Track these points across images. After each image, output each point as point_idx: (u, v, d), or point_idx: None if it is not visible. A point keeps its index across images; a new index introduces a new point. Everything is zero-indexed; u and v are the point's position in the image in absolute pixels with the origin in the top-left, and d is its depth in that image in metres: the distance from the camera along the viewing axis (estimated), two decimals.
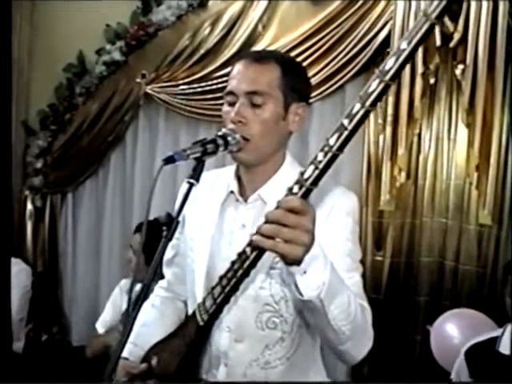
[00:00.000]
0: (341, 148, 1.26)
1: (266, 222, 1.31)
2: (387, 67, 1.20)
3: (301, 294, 1.36)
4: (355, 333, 1.50)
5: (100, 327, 3.46)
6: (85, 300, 4.79)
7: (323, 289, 1.35)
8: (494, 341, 2.71)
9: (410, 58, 1.19)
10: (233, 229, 1.77)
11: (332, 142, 1.26)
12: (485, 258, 3.53)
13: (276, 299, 1.70)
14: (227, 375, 1.75)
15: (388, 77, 1.20)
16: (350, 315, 1.46)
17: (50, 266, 4.91)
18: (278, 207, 1.30)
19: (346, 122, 1.24)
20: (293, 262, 1.33)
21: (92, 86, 4.61)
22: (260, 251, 1.43)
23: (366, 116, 1.23)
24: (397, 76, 1.21)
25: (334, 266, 1.41)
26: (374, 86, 1.21)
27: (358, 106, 1.23)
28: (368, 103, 1.22)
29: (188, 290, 1.89)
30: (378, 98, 1.22)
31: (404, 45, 1.18)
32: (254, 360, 1.73)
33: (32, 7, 4.79)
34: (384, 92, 1.22)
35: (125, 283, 3.57)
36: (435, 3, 1.16)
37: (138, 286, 1.45)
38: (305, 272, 1.34)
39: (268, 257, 1.53)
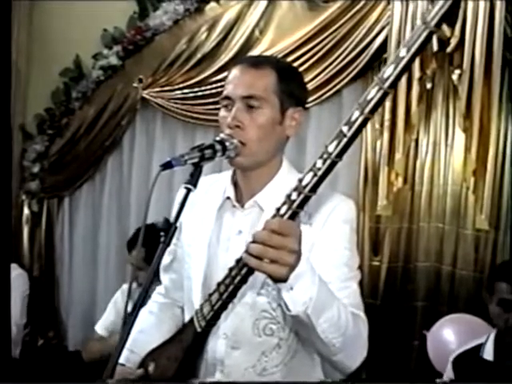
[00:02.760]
0: (340, 155, 1.27)
1: (254, 241, 1.33)
2: (386, 75, 1.20)
3: (288, 309, 1.39)
4: (347, 344, 1.50)
5: (101, 329, 3.45)
6: (81, 305, 4.78)
7: (310, 304, 1.36)
8: (479, 348, 2.74)
9: (409, 65, 1.20)
10: (230, 235, 1.76)
11: (331, 149, 1.26)
12: (482, 262, 3.54)
13: (273, 306, 1.69)
14: None
15: (387, 84, 1.20)
16: (341, 328, 1.46)
17: (47, 271, 4.89)
18: (263, 228, 1.32)
19: (345, 129, 1.25)
20: (278, 280, 1.36)
21: (89, 90, 4.60)
22: (249, 268, 1.44)
23: (365, 123, 1.24)
24: (396, 83, 1.21)
25: (322, 279, 1.42)
26: (373, 93, 1.22)
27: (356, 113, 1.24)
28: (367, 110, 1.22)
29: (185, 296, 1.88)
30: (377, 106, 1.23)
31: (403, 52, 1.19)
32: (250, 367, 1.72)
33: (29, 12, 4.79)
34: (383, 99, 1.22)
35: (127, 287, 3.56)
36: (434, 11, 1.16)
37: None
38: (291, 288, 1.36)
39: None
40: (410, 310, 3.71)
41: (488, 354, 2.68)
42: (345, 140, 1.25)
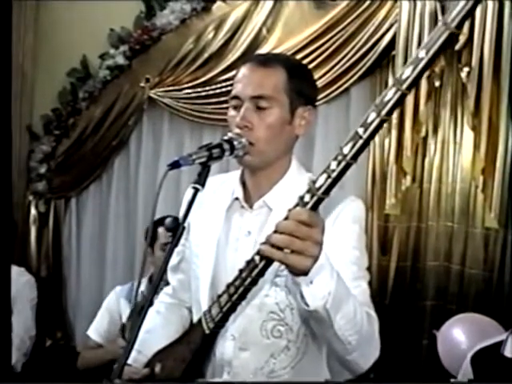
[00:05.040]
0: (355, 157, 1.25)
1: (276, 232, 1.29)
2: (404, 76, 1.18)
3: (306, 304, 1.35)
4: (361, 343, 1.48)
5: (94, 335, 3.35)
6: (89, 305, 4.76)
7: (329, 299, 1.34)
8: (500, 345, 2.70)
9: (428, 67, 1.17)
10: (238, 236, 1.75)
11: (346, 150, 1.24)
12: (491, 261, 3.52)
13: (281, 307, 1.68)
14: None
15: (405, 86, 1.18)
16: (357, 325, 1.44)
17: (54, 271, 4.90)
18: (287, 218, 1.29)
19: (360, 130, 1.23)
20: (300, 272, 1.32)
21: (95, 90, 4.60)
22: (268, 261, 1.41)
23: (381, 125, 1.22)
24: (414, 85, 1.19)
25: (339, 274, 1.40)
26: (391, 94, 1.20)
27: (373, 115, 1.21)
28: (384, 112, 1.20)
29: (192, 297, 1.88)
30: (394, 107, 1.20)
31: (422, 54, 1.17)
32: (258, 369, 1.71)
33: (36, 13, 4.79)
34: (401, 101, 1.20)
35: (120, 290, 3.49)
36: (455, 12, 1.14)
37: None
38: (311, 282, 1.33)
39: (274, 265, 1.52)
40: (418, 309, 3.69)
41: (509, 351, 2.64)
42: (360, 142, 1.23)
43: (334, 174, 1.26)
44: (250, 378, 1.71)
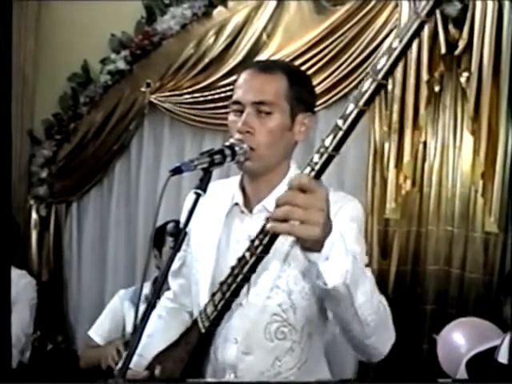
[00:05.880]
0: (336, 148, 1.25)
1: (277, 206, 1.24)
2: (379, 66, 1.20)
3: (325, 283, 1.31)
4: (379, 325, 1.47)
5: (95, 336, 3.34)
6: (90, 309, 4.77)
7: (347, 276, 1.30)
8: (494, 350, 2.71)
9: (402, 56, 1.19)
10: (239, 239, 1.77)
11: (327, 142, 1.26)
12: (491, 265, 3.52)
13: (284, 308, 1.69)
14: None
15: (380, 76, 1.20)
16: (374, 305, 1.43)
17: (55, 275, 4.90)
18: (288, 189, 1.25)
19: (340, 122, 1.24)
20: (311, 246, 1.27)
21: (96, 95, 4.61)
22: (272, 239, 1.39)
23: (360, 116, 1.23)
24: (389, 74, 1.21)
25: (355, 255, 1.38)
26: (367, 85, 1.21)
27: (351, 106, 1.23)
28: (361, 103, 1.22)
29: (193, 302, 1.89)
30: (372, 98, 1.22)
31: (395, 43, 1.19)
32: (263, 372, 1.72)
33: (37, 17, 4.80)
34: (377, 92, 1.21)
35: (124, 293, 3.51)
36: (424, 2, 1.16)
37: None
38: (327, 258, 1.29)
39: (274, 268, 1.53)
40: (419, 313, 3.69)
41: (503, 356, 2.65)
42: (340, 133, 1.24)
43: (317, 167, 1.26)
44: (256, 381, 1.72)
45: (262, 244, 1.49)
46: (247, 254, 1.49)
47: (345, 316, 1.42)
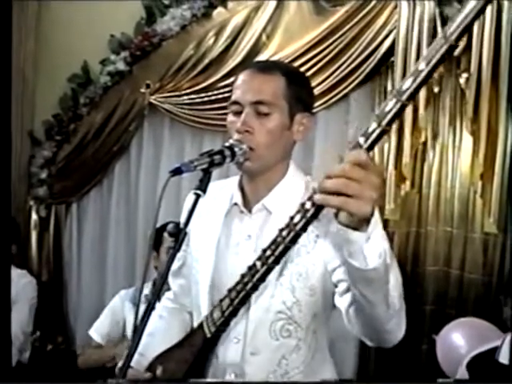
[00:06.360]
0: None
1: (329, 177, 1.19)
2: (404, 87, 1.21)
3: (366, 262, 1.26)
4: (401, 309, 1.47)
5: (96, 335, 3.39)
6: (90, 310, 4.76)
7: (385, 256, 1.27)
8: (495, 350, 2.71)
9: (428, 78, 1.20)
10: (239, 240, 1.77)
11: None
12: (490, 266, 3.52)
13: (288, 305, 1.69)
14: None
15: (405, 97, 1.21)
16: (397, 287, 1.42)
17: (55, 276, 4.90)
18: (341, 162, 1.19)
19: (361, 140, 1.24)
20: (356, 224, 1.22)
21: (96, 96, 4.61)
22: (317, 210, 1.35)
23: (381, 135, 1.23)
24: (414, 96, 1.21)
25: None
26: (391, 105, 1.22)
27: (374, 125, 1.23)
28: (384, 122, 1.22)
29: (193, 302, 1.90)
30: (395, 118, 1.22)
31: (422, 66, 1.19)
32: (271, 372, 1.72)
33: (37, 18, 4.80)
34: (401, 112, 1.22)
35: (125, 293, 3.52)
36: (454, 25, 1.17)
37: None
38: (369, 238, 1.24)
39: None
40: (418, 313, 3.69)
41: (504, 357, 2.65)
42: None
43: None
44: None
45: (274, 255, 1.51)
46: (258, 264, 1.50)
47: (373, 297, 1.37)
